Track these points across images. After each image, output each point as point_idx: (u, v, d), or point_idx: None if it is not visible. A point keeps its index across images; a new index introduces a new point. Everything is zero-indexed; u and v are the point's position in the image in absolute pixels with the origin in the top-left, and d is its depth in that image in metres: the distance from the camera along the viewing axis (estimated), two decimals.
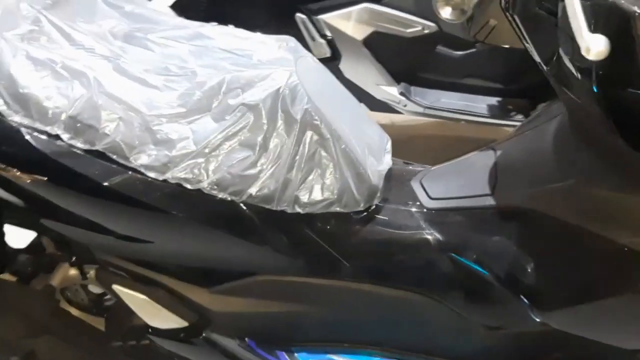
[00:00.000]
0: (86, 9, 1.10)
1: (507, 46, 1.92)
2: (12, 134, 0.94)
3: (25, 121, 0.94)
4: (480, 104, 2.01)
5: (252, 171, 0.99)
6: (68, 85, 0.94)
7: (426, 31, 1.92)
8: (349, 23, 1.90)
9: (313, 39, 1.94)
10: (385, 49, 1.95)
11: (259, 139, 0.98)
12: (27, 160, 0.95)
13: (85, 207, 0.99)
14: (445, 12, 0.77)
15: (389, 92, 1.99)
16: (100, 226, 1.00)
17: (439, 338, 1.17)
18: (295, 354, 1.19)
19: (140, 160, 0.95)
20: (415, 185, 1.13)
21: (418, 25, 1.91)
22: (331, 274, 1.08)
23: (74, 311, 1.42)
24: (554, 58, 0.85)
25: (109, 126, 0.93)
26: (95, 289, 1.44)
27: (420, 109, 1.99)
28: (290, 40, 1.10)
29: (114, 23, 1.08)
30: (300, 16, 1.93)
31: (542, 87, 1.99)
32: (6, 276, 1.39)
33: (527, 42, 0.89)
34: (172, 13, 1.23)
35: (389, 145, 1.15)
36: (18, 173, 0.96)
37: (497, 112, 2.00)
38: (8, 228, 1.29)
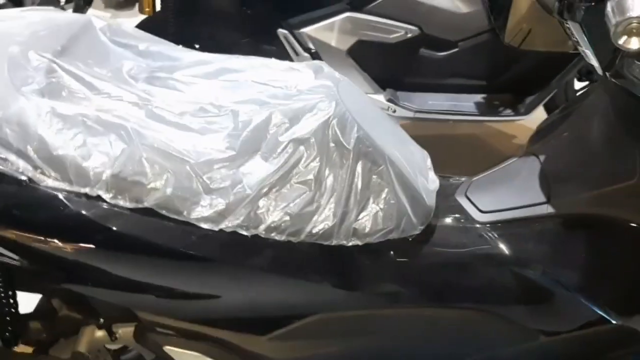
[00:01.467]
0: (96, 52, 1.01)
1: (487, 42, 1.94)
2: (47, 200, 0.85)
3: (61, 185, 0.85)
4: (467, 102, 2.02)
5: (310, 208, 0.93)
6: (104, 140, 0.85)
7: (409, 35, 1.91)
8: (332, 34, 1.86)
9: (297, 53, 1.89)
10: (370, 57, 1.93)
11: (313, 173, 0.92)
12: (66, 227, 0.86)
13: (135, 268, 0.90)
14: (634, 44, 0.74)
15: (377, 99, 1.97)
16: (152, 286, 0.92)
17: (497, 351, 1.15)
18: None
19: (194, 213, 0.87)
20: (462, 200, 1.10)
21: (401, 30, 1.90)
22: (391, 302, 1.04)
23: None
24: (616, 61, 0.85)
25: (157, 180, 0.85)
26: (113, 345, 1.35)
27: (410, 114, 1.98)
28: (322, 65, 1.05)
29: (130, 64, 0.99)
30: (282, 31, 1.88)
31: (523, 80, 2.04)
32: (21, 347, 1.28)
33: (584, 47, 0.88)
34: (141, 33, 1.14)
35: (429, 162, 1.12)
36: (50, 240, 0.86)
37: (484, 108, 2.01)
38: None
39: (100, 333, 1.22)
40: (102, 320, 1.19)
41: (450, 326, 1.09)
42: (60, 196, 0.85)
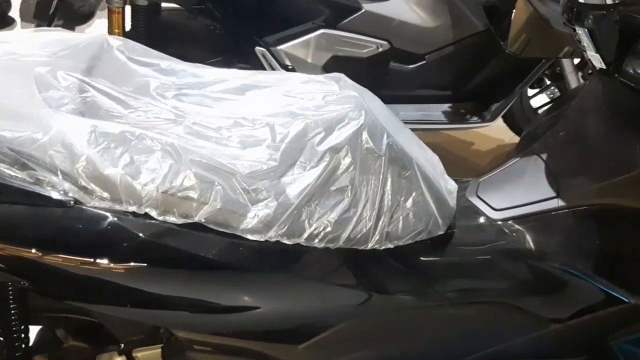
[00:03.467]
0: (118, 71, 0.99)
1: (452, 53, 2.04)
2: (95, 221, 0.83)
3: (108, 205, 0.83)
4: (436, 112, 2.12)
5: (347, 215, 0.95)
6: (151, 157, 0.84)
7: (380, 49, 1.98)
8: (308, 50, 1.90)
9: (274, 69, 1.91)
10: (344, 72, 1.97)
11: (349, 180, 0.95)
12: (116, 247, 0.84)
13: (182, 284, 0.89)
14: None
15: None
16: (195, 301, 0.91)
17: (512, 341, 1.21)
18: None
19: (242, 225, 0.87)
20: (474, 199, 1.16)
21: (372, 45, 1.97)
22: (419, 302, 1.08)
23: None
24: (622, 61, 0.93)
25: (206, 195, 0.85)
26: None
27: None
28: (341, 76, 1.09)
29: (156, 82, 0.99)
30: (259, 49, 1.90)
31: (488, 88, 2.16)
32: None
33: (590, 51, 0.96)
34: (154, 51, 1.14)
35: (441, 165, 1.17)
36: (100, 261, 0.84)
37: (452, 117, 2.11)
38: None
39: (119, 359, 1.19)
40: (122, 345, 1.17)
41: (470, 321, 1.14)
42: (109, 216, 0.83)
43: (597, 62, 0.97)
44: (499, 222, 1.11)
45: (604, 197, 1.05)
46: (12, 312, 1.10)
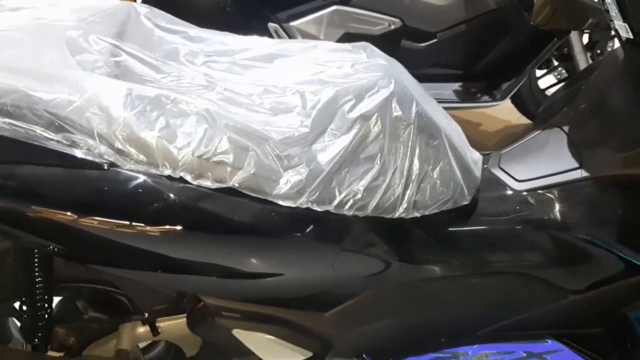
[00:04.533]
0: (146, 37, 0.99)
1: (464, 32, 2.04)
2: (130, 184, 0.83)
3: (143, 168, 0.83)
4: (446, 90, 2.12)
5: (376, 183, 0.96)
6: (186, 122, 0.84)
7: (392, 27, 1.98)
8: (320, 27, 1.90)
9: None
10: None
11: (379, 148, 0.96)
12: (152, 210, 0.84)
13: (214, 249, 0.89)
14: None
15: None
16: (224, 268, 0.91)
17: (530, 312, 1.22)
18: None
19: (275, 190, 0.88)
20: (496, 171, 1.16)
21: (385, 22, 1.96)
22: (443, 272, 1.09)
23: None
24: None
25: (240, 160, 0.85)
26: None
27: None
28: (368, 45, 1.08)
29: (185, 49, 0.99)
30: (272, 25, 1.89)
31: (499, 67, 2.16)
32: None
33: (620, 20, 0.96)
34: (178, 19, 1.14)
35: (464, 136, 1.18)
36: (136, 224, 0.84)
37: (462, 96, 2.11)
38: None
39: (142, 329, 1.20)
40: (146, 315, 1.17)
41: (491, 291, 1.15)
42: (145, 179, 0.83)
43: (624, 31, 0.97)
44: (523, 193, 1.12)
45: (627, 166, 1.06)
46: (37, 280, 1.10)
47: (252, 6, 1.93)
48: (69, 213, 0.83)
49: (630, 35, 0.97)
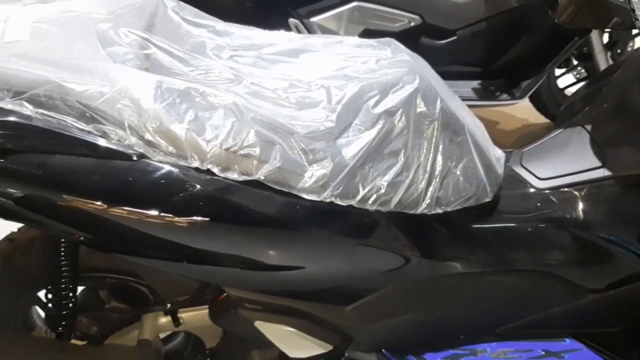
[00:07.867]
0: (174, 31, 1.00)
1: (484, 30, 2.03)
2: (159, 175, 0.84)
3: (172, 160, 0.84)
4: (465, 88, 2.11)
5: (400, 178, 0.96)
6: (215, 114, 0.85)
7: (412, 24, 1.98)
8: (340, 23, 1.90)
9: None
10: None
11: (403, 144, 0.96)
12: (180, 202, 0.85)
13: (239, 241, 0.90)
14: None
15: None
16: (251, 259, 0.92)
17: (549, 311, 1.22)
18: (424, 355, 1.18)
19: (300, 184, 0.89)
20: (518, 169, 1.17)
21: (404, 19, 1.96)
22: (464, 268, 1.09)
23: None
24: None
25: (267, 153, 0.86)
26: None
27: None
28: (392, 40, 1.09)
29: (212, 43, 1.00)
30: (293, 21, 1.90)
31: (519, 65, 2.15)
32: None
33: None
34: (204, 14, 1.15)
35: (487, 133, 1.18)
36: (164, 215, 0.86)
37: (481, 94, 2.11)
38: None
39: (163, 319, 1.22)
40: (168, 305, 1.19)
41: (511, 289, 1.15)
42: (174, 170, 0.84)
43: None
44: (545, 191, 1.12)
45: None
46: (63, 269, 1.12)
47: (272, 2, 1.94)
48: (98, 202, 0.84)
49: None
